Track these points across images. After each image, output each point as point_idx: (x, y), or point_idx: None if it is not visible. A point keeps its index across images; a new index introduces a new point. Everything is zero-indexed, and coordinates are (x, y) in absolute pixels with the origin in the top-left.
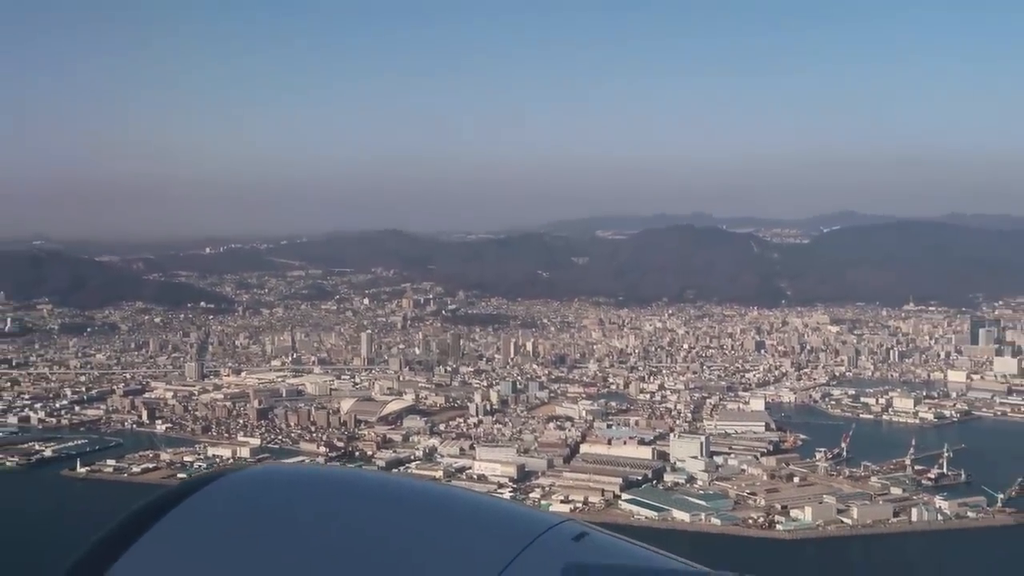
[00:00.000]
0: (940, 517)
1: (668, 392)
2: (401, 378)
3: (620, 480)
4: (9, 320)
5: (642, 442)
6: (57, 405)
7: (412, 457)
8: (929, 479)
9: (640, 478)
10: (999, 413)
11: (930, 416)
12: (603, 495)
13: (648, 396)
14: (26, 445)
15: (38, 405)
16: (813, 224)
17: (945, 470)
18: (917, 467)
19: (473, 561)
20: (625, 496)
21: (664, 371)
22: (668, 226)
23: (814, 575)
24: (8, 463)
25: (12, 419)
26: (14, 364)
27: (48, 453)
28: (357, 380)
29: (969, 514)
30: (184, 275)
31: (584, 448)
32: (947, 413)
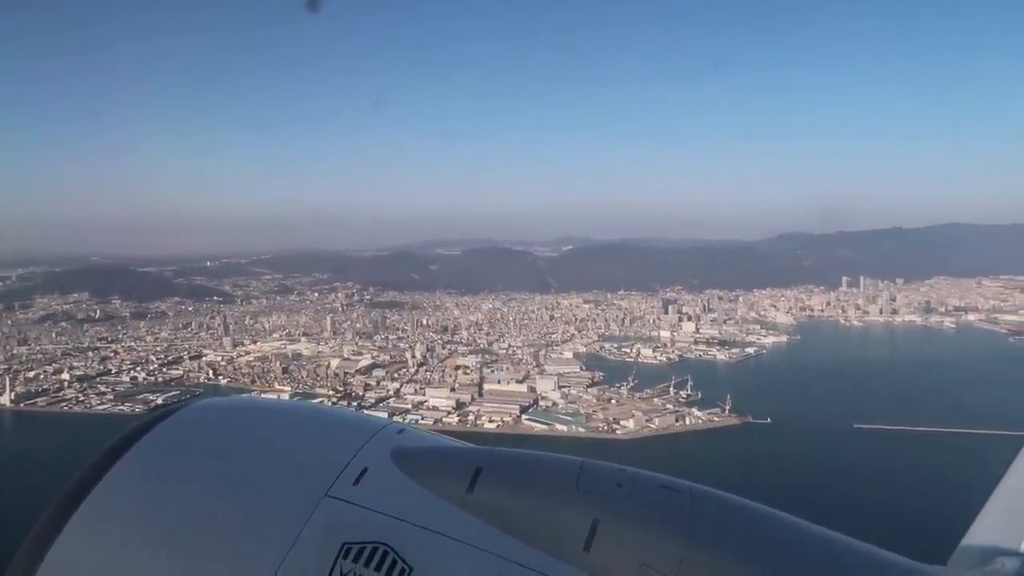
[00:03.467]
0: (700, 422)
1: (515, 348)
2: (357, 343)
3: (517, 406)
4: (98, 310)
5: (518, 381)
6: (150, 368)
7: (386, 395)
8: (683, 398)
9: (527, 404)
10: (697, 355)
11: (664, 359)
12: (511, 416)
13: (504, 351)
14: (141, 396)
15: (138, 367)
16: (555, 244)
17: (690, 392)
18: (673, 390)
19: (342, 449)
20: (524, 417)
21: (505, 335)
22: (478, 247)
23: (652, 460)
24: (136, 409)
25: (125, 378)
26: (110, 340)
27: (160, 400)
28: (331, 346)
29: (714, 419)
30: (199, 279)
31: (487, 387)
32: (671, 356)
